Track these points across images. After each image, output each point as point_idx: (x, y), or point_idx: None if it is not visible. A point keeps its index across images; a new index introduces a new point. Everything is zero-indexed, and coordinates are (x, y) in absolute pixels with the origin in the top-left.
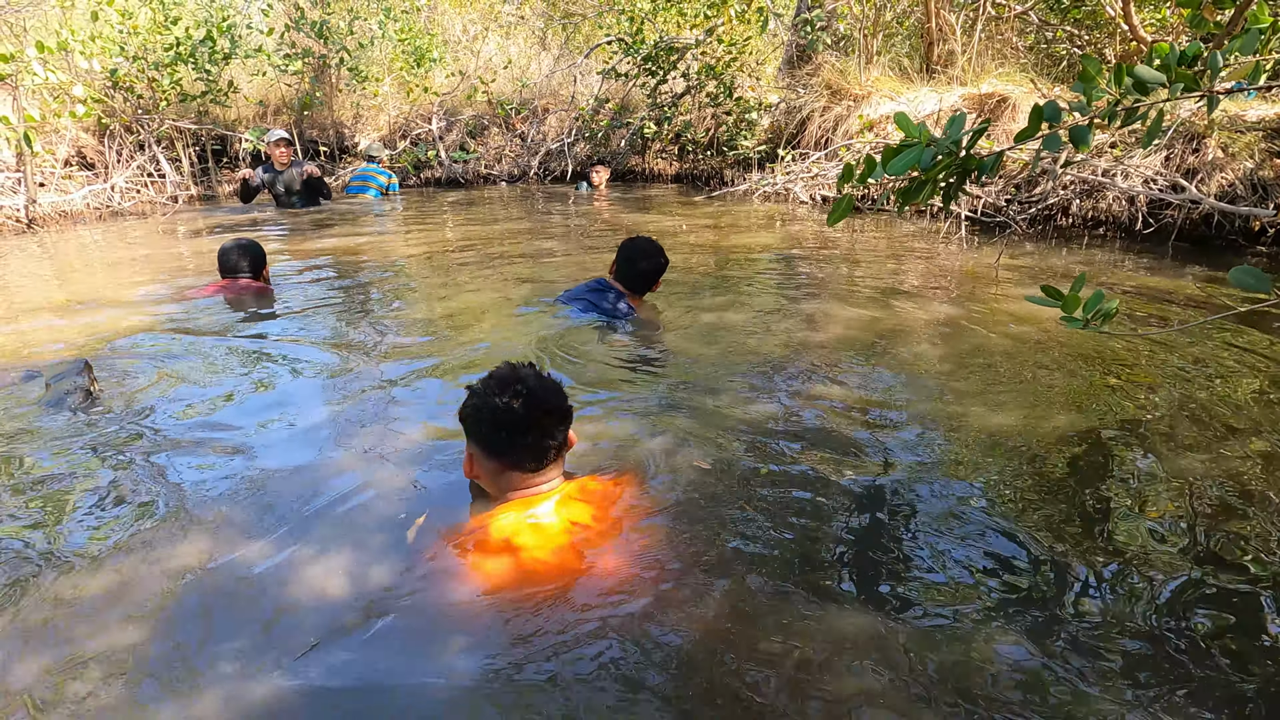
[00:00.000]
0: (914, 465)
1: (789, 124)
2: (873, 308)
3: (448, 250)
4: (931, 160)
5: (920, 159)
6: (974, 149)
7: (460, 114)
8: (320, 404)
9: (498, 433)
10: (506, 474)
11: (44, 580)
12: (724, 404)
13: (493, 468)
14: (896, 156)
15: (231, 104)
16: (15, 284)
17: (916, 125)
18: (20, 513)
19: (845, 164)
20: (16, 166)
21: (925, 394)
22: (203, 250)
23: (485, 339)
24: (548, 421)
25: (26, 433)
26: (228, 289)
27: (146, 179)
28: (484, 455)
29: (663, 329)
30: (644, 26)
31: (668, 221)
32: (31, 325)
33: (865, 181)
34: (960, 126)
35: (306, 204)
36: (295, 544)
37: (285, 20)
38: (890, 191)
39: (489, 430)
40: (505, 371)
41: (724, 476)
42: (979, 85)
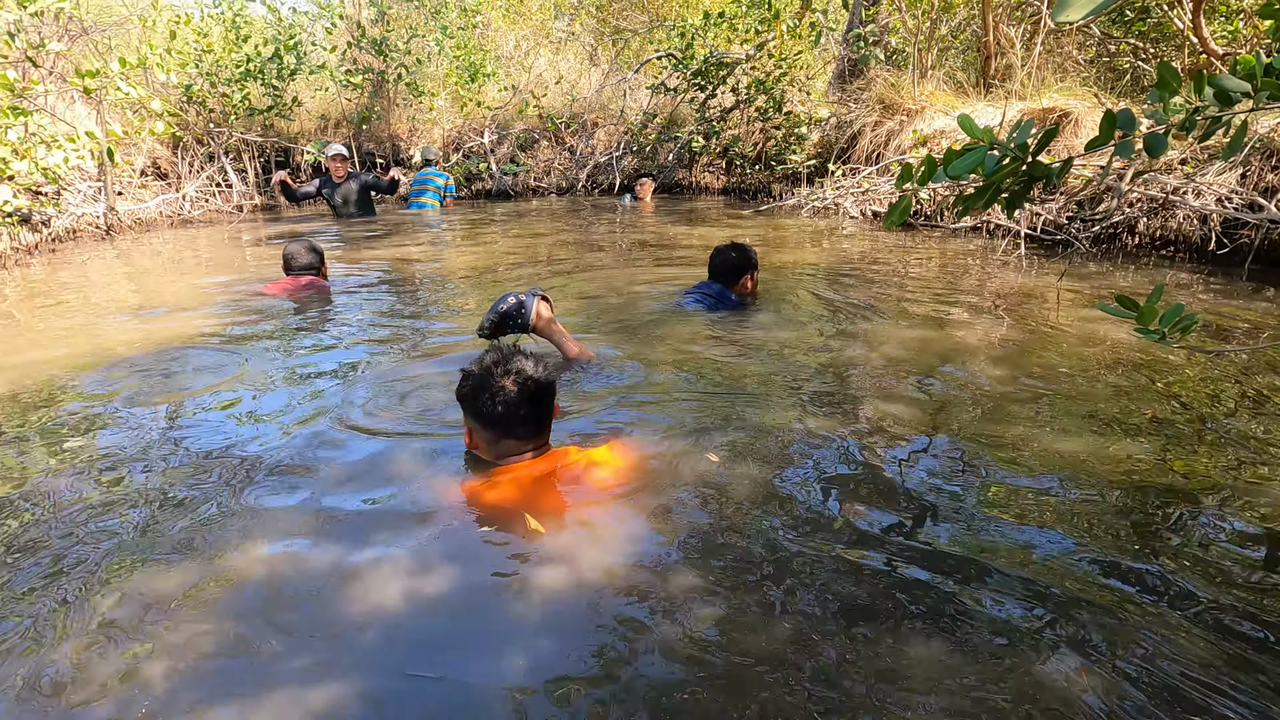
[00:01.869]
0: (971, 493)
1: (839, 138)
2: (926, 327)
3: (495, 261)
4: (995, 165)
5: (984, 162)
6: (1039, 158)
7: (511, 128)
8: (373, 400)
9: (494, 408)
10: (501, 442)
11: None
12: (766, 418)
13: (488, 437)
14: (959, 158)
15: (295, 117)
16: (94, 287)
17: (982, 128)
18: (98, 504)
19: (904, 164)
20: (98, 176)
21: (983, 417)
22: (263, 256)
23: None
24: (537, 396)
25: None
26: (291, 286)
27: (215, 188)
28: (480, 427)
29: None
30: (694, 42)
31: (714, 235)
32: (108, 325)
33: (925, 183)
34: (1027, 131)
35: (361, 214)
36: (347, 536)
37: (347, 38)
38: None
39: (487, 407)
40: (498, 355)
41: (748, 483)
42: (1039, 99)
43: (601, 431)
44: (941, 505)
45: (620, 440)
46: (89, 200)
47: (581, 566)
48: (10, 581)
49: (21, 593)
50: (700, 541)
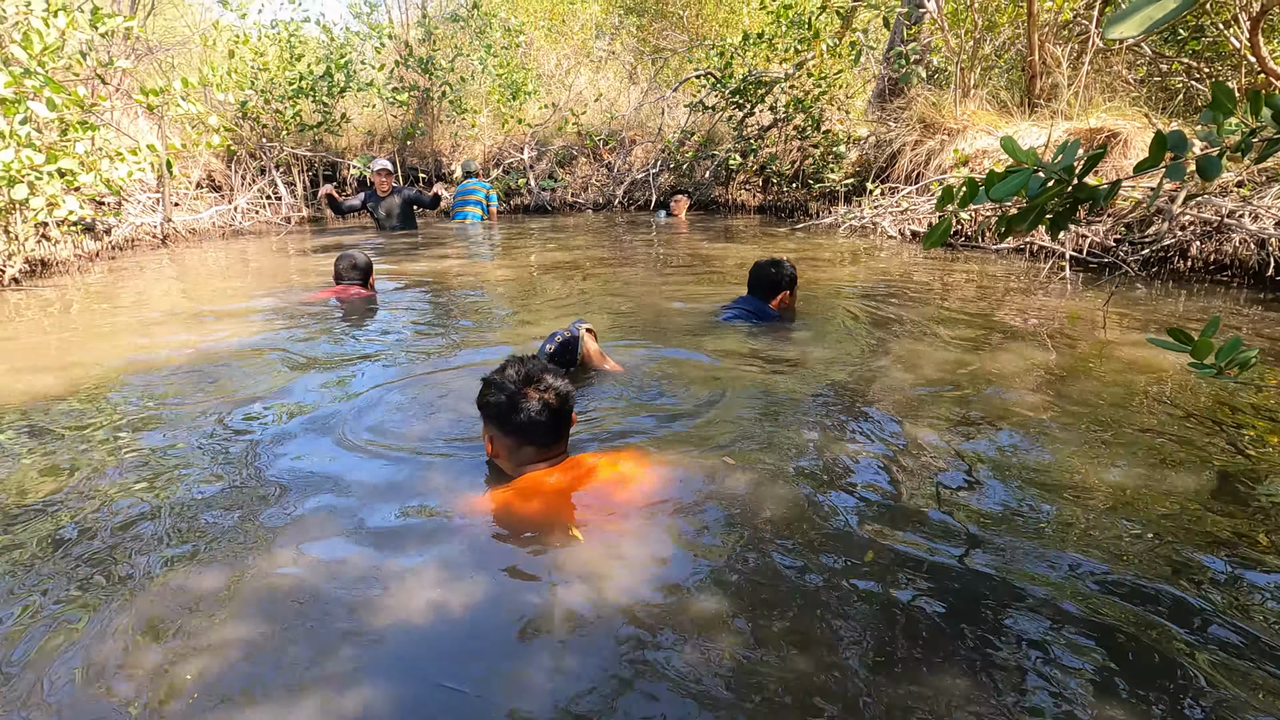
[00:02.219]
0: (1012, 527)
1: (878, 157)
2: (966, 350)
3: (532, 276)
4: (1040, 187)
5: (1028, 184)
6: (1085, 179)
7: (551, 144)
8: (406, 410)
9: (521, 419)
10: (524, 449)
11: (163, 573)
12: (798, 437)
13: (511, 444)
14: (1002, 181)
15: (342, 133)
16: (149, 294)
17: (1026, 150)
18: (142, 505)
19: (945, 186)
20: (156, 188)
21: (1025, 446)
22: (307, 267)
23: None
24: (561, 408)
25: (154, 425)
26: (340, 294)
27: (265, 201)
28: (503, 435)
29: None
30: (733, 61)
31: (750, 253)
32: (160, 332)
33: (966, 205)
34: (1074, 153)
35: (404, 227)
36: (377, 545)
37: (395, 57)
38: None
39: (513, 418)
40: (521, 367)
41: (775, 503)
42: (1086, 119)
43: (625, 441)
44: (976, 533)
45: (638, 450)
46: (148, 210)
47: (604, 584)
48: (59, 577)
49: (70, 588)
50: (725, 565)
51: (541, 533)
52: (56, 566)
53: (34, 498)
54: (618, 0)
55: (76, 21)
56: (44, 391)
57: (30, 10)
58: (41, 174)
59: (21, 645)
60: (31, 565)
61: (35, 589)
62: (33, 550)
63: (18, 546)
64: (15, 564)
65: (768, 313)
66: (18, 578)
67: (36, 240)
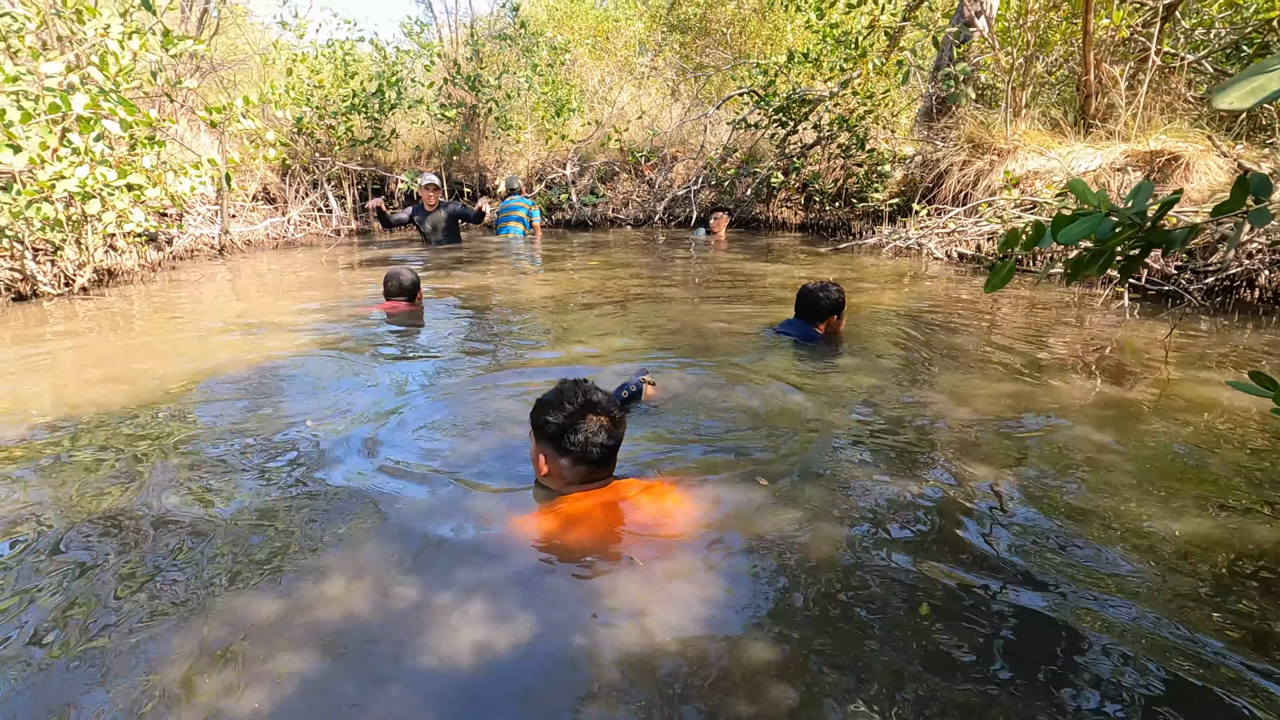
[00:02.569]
0: (1074, 576)
1: (924, 177)
2: (1020, 382)
3: (573, 293)
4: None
5: (1099, 229)
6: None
7: (593, 160)
8: (453, 430)
9: (578, 440)
10: (576, 469)
11: (219, 597)
12: (847, 471)
13: (564, 464)
14: (1070, 225)
15: (391, 148)
16: (206, 304)
17: (1095, 192)
18: (196, 523)
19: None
20: (215, 200)
21: (1085, 489)
22: (355, 279)
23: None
24: (616, 433)
25: (208, 442)
26: (389, 309)
27: (316, 213)
28: (556, 455)
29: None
30: (777, 79)
31: (792, 272)
32: (215, 342)
33: (1030, 248)
34: (1146, 196)
35: (449, 241)
36: (424, 571)
37: (444, 74)
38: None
39: (572, 440)
40: (583, 392)
41: (822, 542)
42: (1145, 141)
43: (665, 466)
44: (1031, 578)
45: (675, 479)
46: (206, 222)
47: (652, 623)
48: (119, 597)
49: (131, 610)
50: (776, 607)
51: (587, 556)
52: (117, 586)
53: (94, 514)
54: (661, 17)
55: (149, 45)
56: (107, 403)
57: (108, 34)
58: (113, 189)
59: (85, 667)
60: (93, 584)
61: (97, 608)
62: (93, 568)
63: (80, 564)
64: (78, 581)
65: (814, 336)
66: (79, 595)
67: (104, 251)
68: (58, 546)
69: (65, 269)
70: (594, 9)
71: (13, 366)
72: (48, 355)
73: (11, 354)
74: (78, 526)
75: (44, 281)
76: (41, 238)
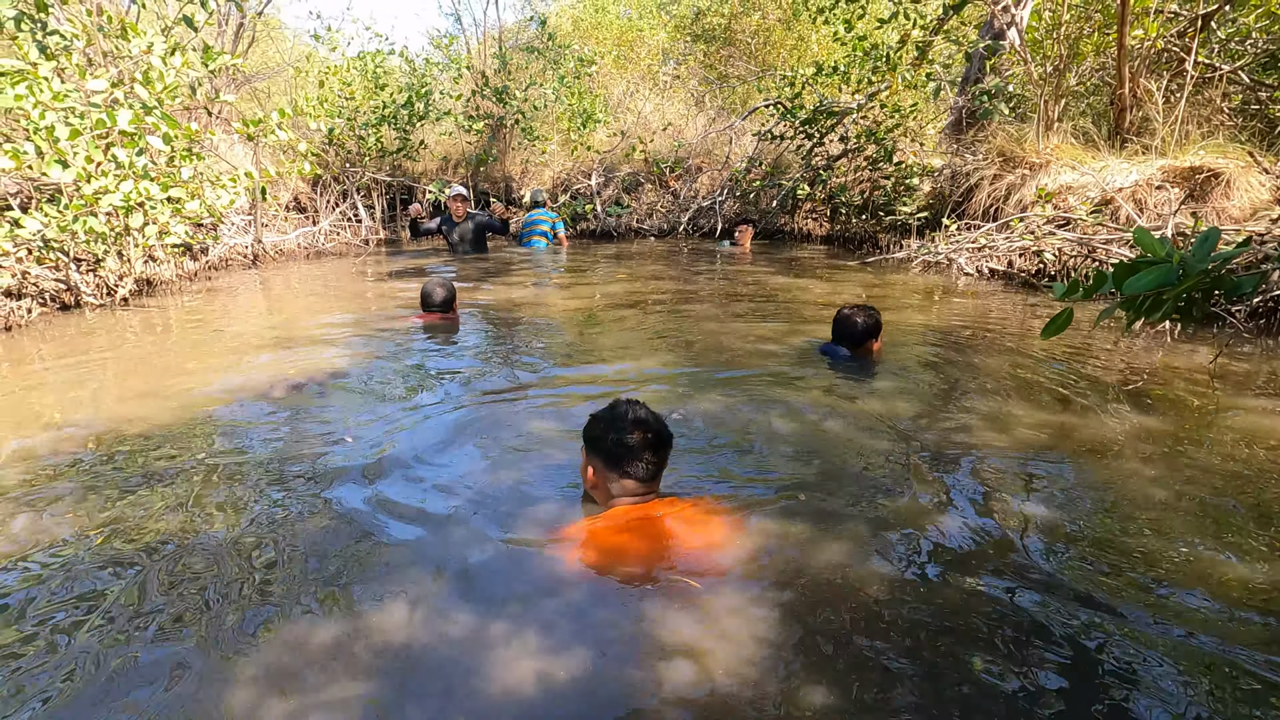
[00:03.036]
0: (1127, 623)
1: (954, 191)
2: (1058, 409)
3: (599, 307)
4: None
5: (1166, 279)
6: None
7: (618, 170)
8: (493, 447)
9: (630, 456)
10: (622, 482)
11: (280, 621)
12: (891, 504)
13: (613, 477)
14: (1136, 275)
15: (419, 158)
16: (240, 315)
17: (1160, 241)
18: (251, 547)
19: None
20: (249, 211)
21: (1135, 527)
22: (385, 293)
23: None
24: (663, 451)
25: (250, 462)
26: (426, 319)
27: (346, 222)
28: (606, 468)
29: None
30: (803, 91)
31: (817, 287)
32: (249, 355)
33: (1090, 296)
34: (1213, 245)
35: (475, 251)
36: (475, 595)
37: (472, 86)
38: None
39: (625, 455)
40: (634, 412)
41: (869, 577)
42: (1183, 156)
43: (701, 488)
44: (1079, 618)
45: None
46: (240, 232)
47: (709, 660)
48: (181, 620)
49: (192, 633)
50: (814, 639)
51: (632, 569)
52: (170, 609)
53: (147, 537)
54: (685, 28)
55: (191, 62)
56: (148, 419)
57: (151, 51)
58: (156, 203)
59: (150, 693)
60: (143, 607)
61: (159, 632)
62: (152, 593)
63: (137, 589)
64: (137, 607)
65: (851, 359)
66: (139, 619)
67: (144, 262)
68: (105, 566)
69: (107, 280)
70: (618, 19)
71: (57, 378)
72: (90, 367)
73: (57, 365)
74: (121, 551)
75: (87, 292)
76: (85, 249)
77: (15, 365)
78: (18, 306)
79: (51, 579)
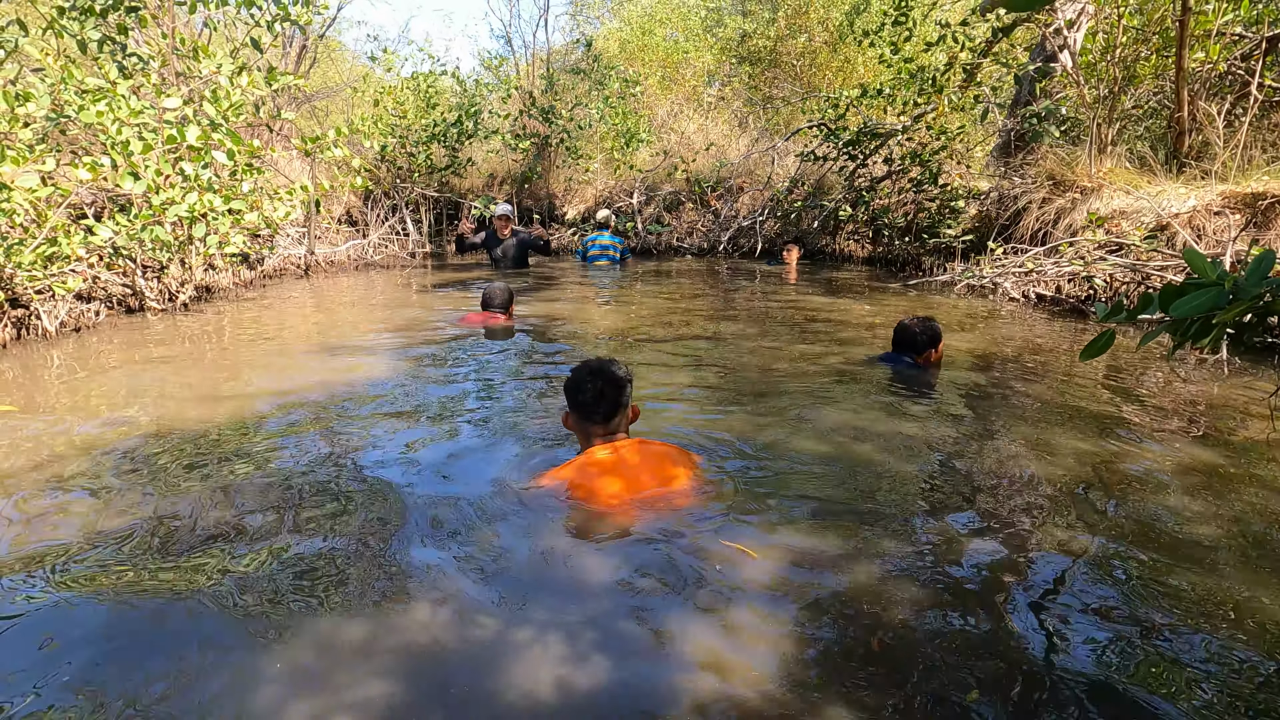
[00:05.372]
0: (1182, 672)
1: (1000, 214)
2: (1104, 439)
3: (636, 324)
4: (1225, 300)
5: (1217, 303)
6: None
7: (659, 189)
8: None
9: (581, 397)
10: (585, 425)
11: (309, 620)
12: (929, 533)
13: (575, 419)
14: (1184, 298)
15: (466, 175)
16: (292, 322)
17: (1212, 263)
18: (288, 547)
19: (1116, 302)
20: (303, 223)
21: (1192, 569)
22: (429, 305)
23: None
24: (610, 392)
25: (294, 462)
26: (485, 320)
27: (394, 236)
28: (576, 416)
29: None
30: (848, 113)
31: (858, 309)
32: (300, 362)
33: (1135, 319)
34: (1268, 268)
35: (516, 267)
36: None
37: (520, 106)
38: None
39: (578, 398)
40: (590, 362)
41: (904, 607)
42: (1245, 182)
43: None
44: (1111, 661)
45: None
46: (295, 243)
47: (731, 676)
48: (213, 618)
49: (225, 631)
50: (837, 659)
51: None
52: (212, 608)
53: (190, 534)
54: (731, 50)
55: (256, 81)
56: (202, 421)
57: (220, 71)
58: (218, 215)
59: (180, 687)
60: (188, 606)
61: (191, 629)
62: (187, 591)
63: (172, 587)
64: (171, 603)
65: (913, 367)
66: (173, 617)
67: (204, 269)
68: (154, 559)
69: (170, 285)
70: (664, 42)
71: (118, 381)
72: (150, 370)
73: (119, 365)
74: (161, 548)
75: (150, 297)
76: (151, 256)
77: (84, 363)
78: (87, 309)
79: (92, 570)
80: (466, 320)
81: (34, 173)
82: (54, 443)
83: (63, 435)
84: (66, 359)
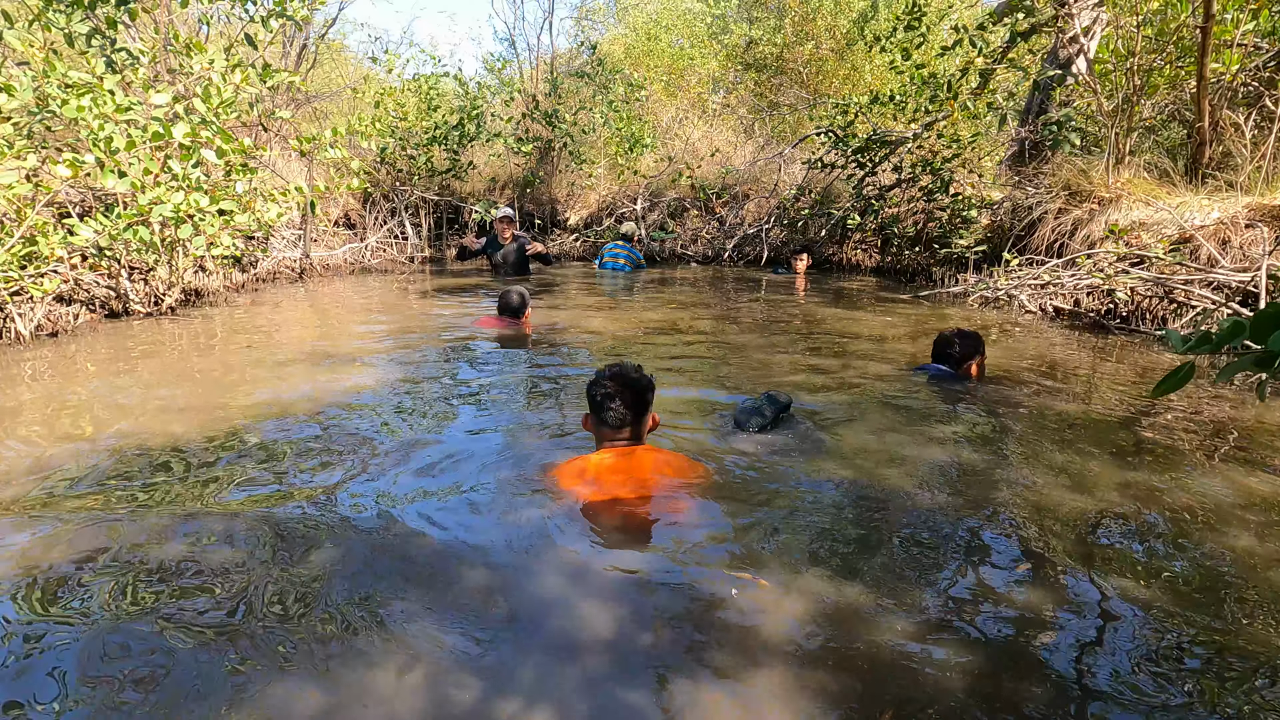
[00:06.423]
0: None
1: (1015, 224)
2: (1146, 468)
3: (638, 331)
4: None
5: None
6: None
7: (663, 195)
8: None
9: (602, 403)
10: (599, 429)
11: (332, 648)
12: (957, 578)
13: (595, 421)
14: None
15: (467, 178)
16: (286, 328)
17: None
18: (290, 574)
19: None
20: (299, 225)
21: (1233, 609)
22: (428, 311)
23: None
24: (625, 398)
25: (288, 480)
26: (501, 324)
27: (392, 239)
28: (593, 417)
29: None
30: (856, 119)
31: (867, 320)
32: (294, 370)
33: (1219, 348)
34: None
35: (517, 273)
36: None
37: (523, 109)
38: (1247, 365)
39: (599, 404)
40: (612, 365)
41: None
42: (1271, 194)
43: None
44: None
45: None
46: (290, 246)
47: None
48: (234, 647)
49: (245, 661)
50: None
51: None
52: (231, 637)
53: (162, 562)
54: (737, 56)
55: (249, 78)
56: (181, 437)
57: (212, 67)
58: (205, 215)
59: None
60: (204, 636)
61: (213, 659)
62: (204, 620)
63: (190, 615)
64: (188, 635)
65: (954, 378)
66: (194, 649)
67: (193, 272)
68: (128, 581)
69: (156, 288)
70: (670, 48)
71: (97, 390)
72: (131, 379)
73: (100, 373)
74: (173, 570)
75: (135, 300)
76: (136, 258)
77: (58, 370)
78: (66, 312)
79: (77, 591)
80: (482, 324)
81: (14, 169)
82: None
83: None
84: (40, 364)
